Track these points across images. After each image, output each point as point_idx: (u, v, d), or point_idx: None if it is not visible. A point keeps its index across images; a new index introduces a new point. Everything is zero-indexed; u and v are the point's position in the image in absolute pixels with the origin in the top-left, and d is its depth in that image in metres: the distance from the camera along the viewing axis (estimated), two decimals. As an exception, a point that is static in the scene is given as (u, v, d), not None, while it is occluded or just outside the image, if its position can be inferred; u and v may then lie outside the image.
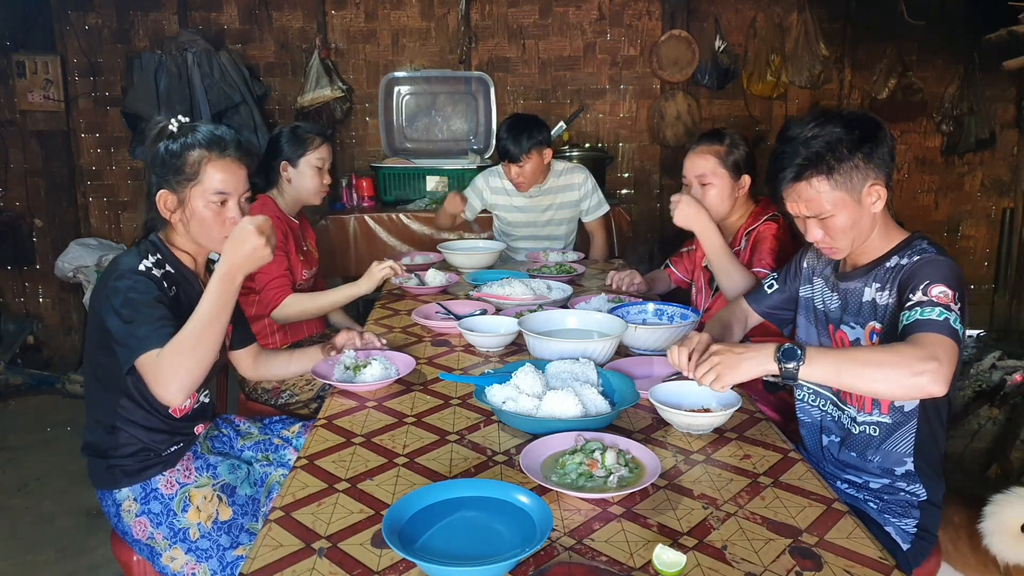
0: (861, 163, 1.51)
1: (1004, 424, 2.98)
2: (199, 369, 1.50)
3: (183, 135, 1.69)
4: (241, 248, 1.55)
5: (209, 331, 1.51)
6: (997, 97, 4.83)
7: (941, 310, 1.38)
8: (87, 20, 4.69)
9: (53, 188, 4.86)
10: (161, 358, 1.48)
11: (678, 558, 1.08)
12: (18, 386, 4.54)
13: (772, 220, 2.28)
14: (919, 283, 1.44)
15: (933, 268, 1.45)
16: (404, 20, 4.79)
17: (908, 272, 1.49)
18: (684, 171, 2.36)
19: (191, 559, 1.66)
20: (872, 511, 1.60)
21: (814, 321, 1.77)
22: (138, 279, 1.58)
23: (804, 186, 1.54)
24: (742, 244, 2.32)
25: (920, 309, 1.40)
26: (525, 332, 1.90)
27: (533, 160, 3.13)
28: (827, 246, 1.60)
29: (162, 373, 1.48)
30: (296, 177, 2.62)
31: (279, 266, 2.47)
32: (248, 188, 1.77)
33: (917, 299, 1.42)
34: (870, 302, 1.58)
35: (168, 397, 1.49)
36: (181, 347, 1.48)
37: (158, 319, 1.53)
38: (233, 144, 1.72)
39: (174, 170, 1.67)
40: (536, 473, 1.31)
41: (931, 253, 1.50)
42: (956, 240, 5.07)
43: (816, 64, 4.63)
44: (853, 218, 1.54)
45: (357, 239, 4.21)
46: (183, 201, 1.68)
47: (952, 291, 1.41)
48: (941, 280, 1.42)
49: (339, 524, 1.21)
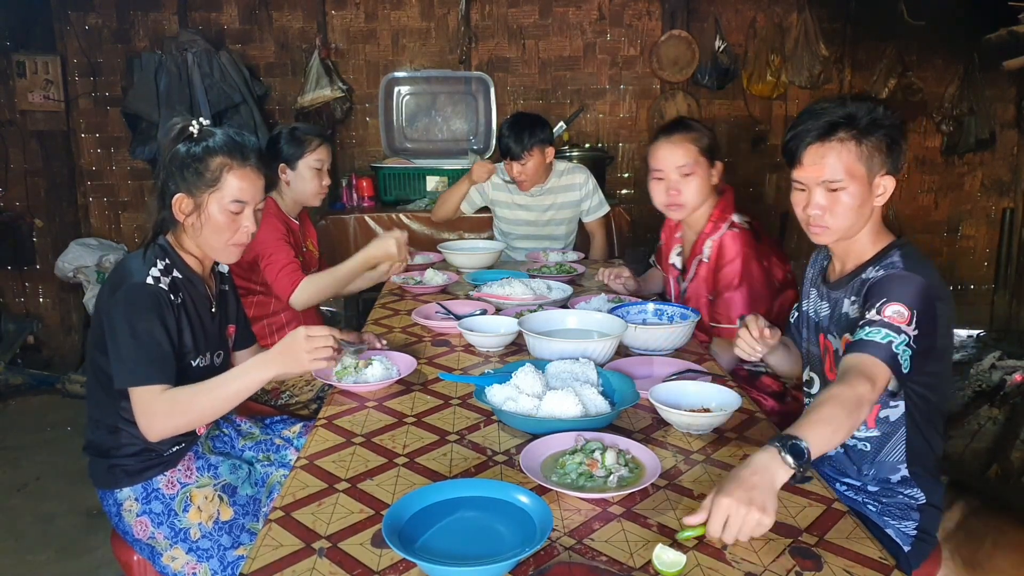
0: (885, 148, 1.51)
1: (1004, 424, 2.99)
2: (189, 427, 1.63)
3: (205, 139, 1.69)
4: (295, 360, 1.57)
5: (219, 411, 1.60)
6: (997, 97, 4.83)
7: (887, 332, 1.37)
8: (87, 20, 4.69)
9: (53, 188, 4.85)
10: (159, 403, 1.54)
11: (678, 558, 1.08)
12: (18, 386, 4.54)
13: (732, 232, 2.22)
14: (877, 300, 1.43)
15: (895, 285, 1.44)
16: (404, 20, 4.79)
17: (871, 287, 1.48)
18: (658, 163, 2.26)
19: (192, 559, 1.67)
20: (872, 513, 1.60)
21: (812, 330, 1.77)
22: (144, 296, 1.57)
23: (835, 145, 1.50)
24: (705, 252, 2.27)
25: (868, 329, 1.39)
26: (525, 332, 1.91)
27: (535, 157, 3.13)
28: (820, 224, 1.56)
29: (153, 415, 1.54)
30: (295, 179, 2.60)
31: (286, 255, 2.45)
32: (264, 198, 1.78)
33: (870, 317, 1.41)
34: (846, 315, 1.58)
35: (148, 434, 1.56)
36: (185, 409, 1.55)
37: (157, 347, 1.56)
38: (255, 153, 1.73)
39: (194, 174, 1.66)
40: (536, 473, 1.31)
41: (898, 268, 1.47)
42: (956, 240, 5.07)
43: (816, 64, 4.63)
44: (861, 199, 1.52)
45: (357, 239, 4.21)
46: (199, 206, 1.68)
47: (909, 311, 1.39)
48: (900, 298, 1.41)
49: (339, 524, 1.21)
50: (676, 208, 2.29)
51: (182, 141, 1.70)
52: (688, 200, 2.26)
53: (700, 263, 2.30)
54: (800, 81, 4.69)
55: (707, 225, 2.29)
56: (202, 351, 1.72)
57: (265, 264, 2.43)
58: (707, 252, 2.28)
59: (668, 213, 2.35)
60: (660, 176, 2.28)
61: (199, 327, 1.71)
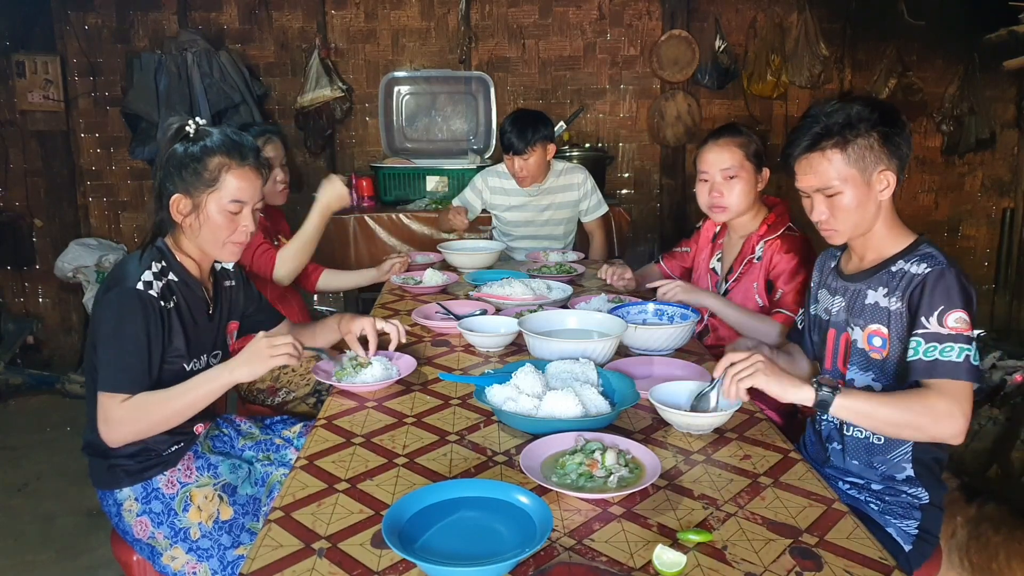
0: (876, 144, 1.52)
1: (1004, 424, 2.98)
2: (151, 433, 1.61)
3: (202, 139, 1.67)
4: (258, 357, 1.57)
5: (182, 416, 1.59)
6: (997, 97, 4.83)
7: (961, 348, 1.39)
8: (87, 20, 4.69)
9: (53, 188, 4.86)
10: (121, 410, 1.54)
11: (678, 558, 1.08)
12: (18, 386, 4.54)
13: (789, 234, 2.22)
14: (934, 307, 1.43)
15: (946, 288, 1.44)
16: (404, 20, 4.79)
17: (920, 286, 1.47)
18: (704, 165, 2.28)
19: (192, 559, 1.66)
20: (873, 512, 1.60)
21: (816, 330, 1.77)
22: (131, 302, 1.56)
23: (818, 156, 1.55)
24: (757, 252, 2.27)
25: (938, 346, 1.40)
26: (525, 332, 1.90)
27: (537, 153, 3.13)
28: (829, 228, 1.60)
29: (115, 421, 1.54)
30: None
31: (254, 240, 2.43)
32: (262, 198, 1.77)
33: (934, 329, 1.42)
34: (873, 305, 1.57)
35: (108, 439, 1.56)
36: (144, 415, 1.55)
37: (134, 356, 1.55)
38: (253, 153, 1.72)
39: (192, 174, 1.65)
40: (536, 473, 1.31)
41: (941, 263, 1.48)
42: (956, 240, 5.07)
43: (816, 64, 4.64)
44: (860, 199, 1.54)
45: (357, 239, 4.21)
46: (198, 206, 1.67)
47: (968, 314, 1.41)
48: (957, 305, 1.42)
49: (339, 524, 1.21)
50: (719, 210, 2.29)
51: (179, 141, 1.68)
52: (731, 203, 2.26)
53: (750, 263, 2.28)
54: (800, 81, 4.69)
55: (761, 227, 2.29)
56: (196, 354, 1.71)
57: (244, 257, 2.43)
58: (759, 252, 2.27)
59: (711, 215, 2.35)
60: (705, 178, 2.31)
61: (193, 330, 1.70)
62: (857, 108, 1.53)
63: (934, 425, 1.36)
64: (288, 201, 2.80)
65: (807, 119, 1.58)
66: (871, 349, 1.58)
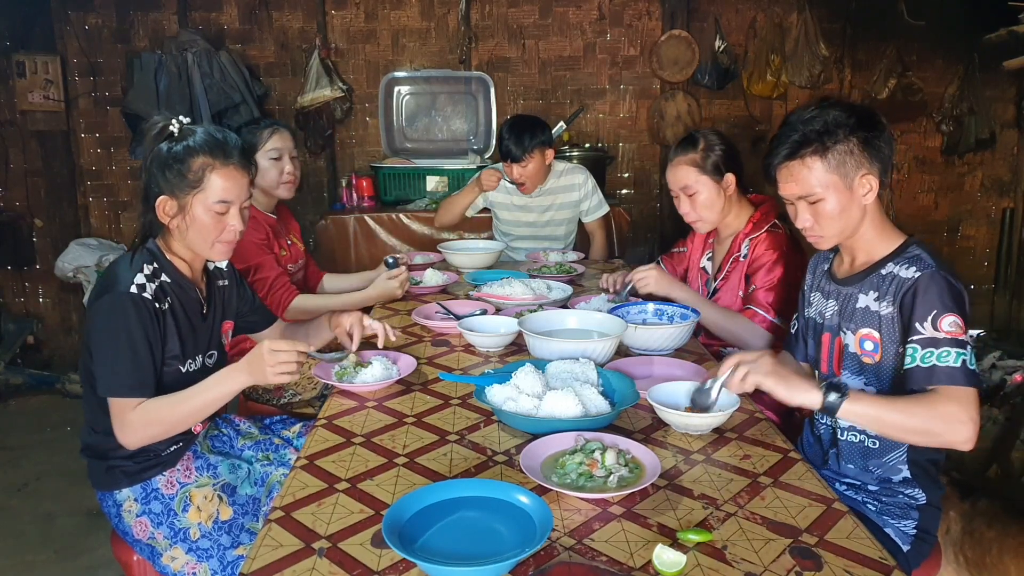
0: (856, 149, 1.52)
1: (1004, 424, 2.98)
2: (165, 436, 1.63)
3: (185, 138, 1.64)
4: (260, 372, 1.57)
5: (195, 419, 1.63)
6: (997, 97, 4.83)
7: (958, 353, 1.38)
8: (87, 20, 4.69)
9: (53, 188, 4.86)
10: (136, 414, 1.55)
11: (678, 558, 1.08)
12: (18, 386, 4.54)
13: (773, 231, 2.23)
14: (927, 311, 1.42)
15: (938, 291, 1.43)
16: (404, 20, 4.79)
17: (911, 290, 1.47)
18: (669, 184, 2.36)
19: (192, 559, 1.67)
20: (871, 512, 1.60)
21: (811, 334, 1.76)
22: (126, 306, 1.55)
23: (797, 164, 1.55)
24: (743, 251, 2.28)
25: (935, 351, 1.39)
26: (525, 332, 1.90)
27: (535, 160, 3.13)
28: (814, 234, 1.61)
29: (128, 426, 1.55)
30: (257, 173, 2.58)
31: (271, 268, 2.45)
32: (250, 196, 1.74)
33: (929, 334, 1.41)
34: (864, 309, 1.57)
35: (124, 442, 1.58)
36: (159, 419, 1.57)
37: (136, 360, 1.55)
38: (237, 151, 1.68)
39: (176, 175, 1.62)
40: (536, 473, 1.31)
41: (930, 266, 1.48)
42: (956, 240, 5.07)
43: (816, 64, 4.63)
44: (843, 205, 1.54)
45: (357, 239, 4.21)
46: (183, 208, 1.64)
47: (962, 318, 1.41)
48: (950, 308, 1.41)
49: (339, 524, 1.21)
50: (698, 223, 2.34)
51: (163, 140, 1.64)
52: (703, 215, 2.28)
53: (736, 261, 2.29)
54: (800, 81, 4.68)
55: (747, 226, 2.30)
56: (191, 355, 1.71)
57: (253, 280, 2.42)
58: (744, 251, 2.28)
59: (695, 228, 2.40)
60: (673, 194, 2.37)
61: (188, 331, 1.69)
62: (834, 114, 1.52)
63: (946, 431, 1.34)
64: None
65: (785, 127, 1.58)
66: (863, 353, 1.58)
